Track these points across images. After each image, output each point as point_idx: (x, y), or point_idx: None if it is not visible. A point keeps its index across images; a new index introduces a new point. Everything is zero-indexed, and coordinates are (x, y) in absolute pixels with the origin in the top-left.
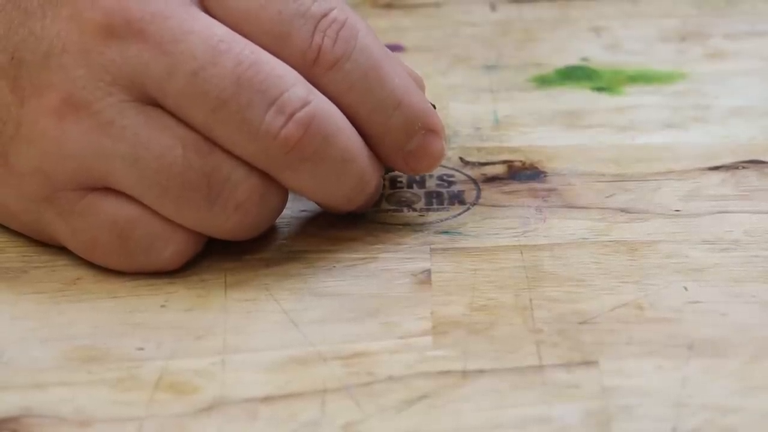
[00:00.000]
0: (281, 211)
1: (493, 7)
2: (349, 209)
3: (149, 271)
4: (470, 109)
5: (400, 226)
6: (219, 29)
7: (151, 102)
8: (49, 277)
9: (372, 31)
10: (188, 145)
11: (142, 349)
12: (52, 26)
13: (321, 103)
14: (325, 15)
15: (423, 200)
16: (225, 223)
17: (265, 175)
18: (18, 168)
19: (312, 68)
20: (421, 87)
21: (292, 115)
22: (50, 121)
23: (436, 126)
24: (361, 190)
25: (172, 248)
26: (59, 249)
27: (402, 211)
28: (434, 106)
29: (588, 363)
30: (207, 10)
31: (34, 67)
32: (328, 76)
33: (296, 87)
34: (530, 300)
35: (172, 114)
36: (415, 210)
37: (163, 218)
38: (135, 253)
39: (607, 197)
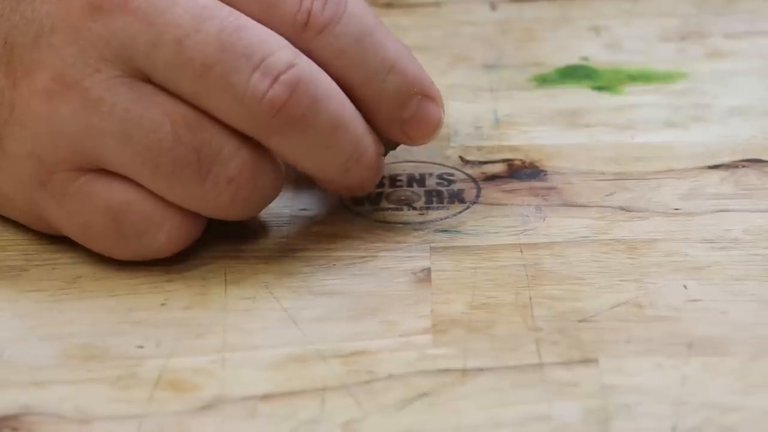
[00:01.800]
0: (276, 190)
1: (493, 7)
2: (349, 184)
3: (144, 257)
4: (470, 109)
5: (400, 225)
6: None
7: (141, 77)
8: (49, 275)
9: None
10: (178, 121)
11: (141, 347)
12: (41, 7)
13: (308, 67)
14: None
15: (423, 199)
16: (218, 198)
17: (256, 150)
18: (12, 151)
19: (302, 33)
20: None
21: (277, 77)
22: (41, 102)
23: (432, 92)
24: (356, 161)
25: (166, 232)
26: (59, 247)
27: (402, 209)
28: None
29: (588, 361)
30: None
31: (25, 49)
32: (318, 40)
33: (281, 51)
34: (530, 298)
35: (162, 88)
36: (414, 209)
37: (157, 201)
38: (129, 236)
39: (607, 196)
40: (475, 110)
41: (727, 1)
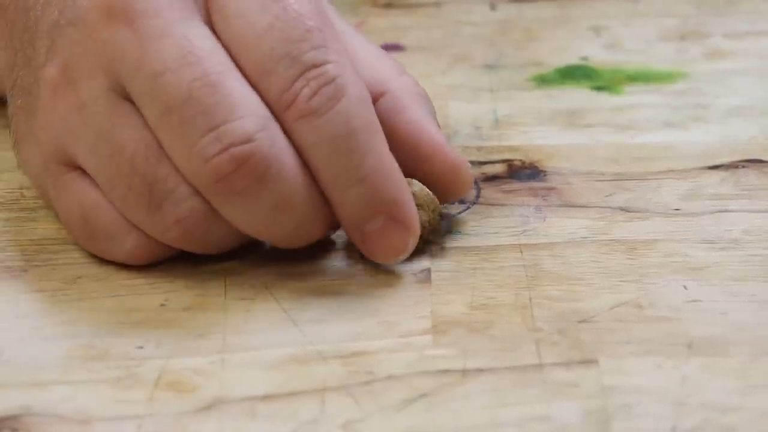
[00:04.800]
0: (242, 237)
1: (493, 7)
2: (290, 246)
3: (116, 260)
4: (470, 109)
5: None
6: (199, 42)
7: (126, 95)
8: (49, 275)
9: (366, 102)
10: (140, 150)
11: (142, 347)
12: None
13: (267, 143)
14: (316, 66)
15: None
16: (166, 234)
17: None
18: (36, 129)
19: (284, 112)
20: (430, 108)
21: (228, 147)
22: (47, 91)
23: (404, 217)
24: (297, 236)
25: (131, 243)
26: (60, 247)
27: None
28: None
29: (587, 362)
30: (210, 23)
31: (58, 33)
32: (298, 124)
33: (245, 120)
34: (530, 299)
35: (139, 112)
36: None
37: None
38: (99, 239)
39: (607, 196)
40: (475, 110)
41: (727, 1)
